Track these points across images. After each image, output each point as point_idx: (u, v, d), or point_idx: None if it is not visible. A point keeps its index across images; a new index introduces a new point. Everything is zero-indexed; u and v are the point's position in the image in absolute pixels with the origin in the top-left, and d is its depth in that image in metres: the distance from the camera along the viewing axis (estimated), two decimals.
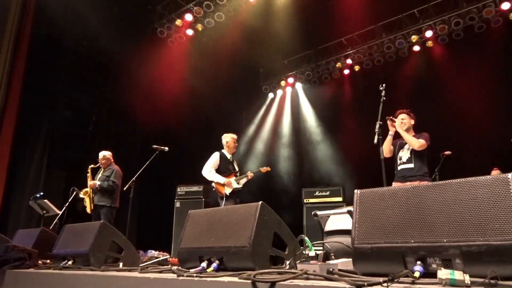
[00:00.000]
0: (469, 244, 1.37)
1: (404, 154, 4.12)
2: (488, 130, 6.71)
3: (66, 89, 8.16)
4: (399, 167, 4.13)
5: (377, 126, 3.91)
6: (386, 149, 4.14)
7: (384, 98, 4.15)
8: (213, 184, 5.34)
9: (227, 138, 5.55)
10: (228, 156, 5.51)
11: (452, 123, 7.25)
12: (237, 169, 5.59)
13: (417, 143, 4.02)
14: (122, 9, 8.27)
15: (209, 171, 5.33)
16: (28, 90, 7.25)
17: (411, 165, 4.06)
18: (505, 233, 1.32)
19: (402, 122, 4.17)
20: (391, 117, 4.20)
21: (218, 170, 5.35)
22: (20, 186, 7.14)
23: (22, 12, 7.24)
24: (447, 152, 5.58)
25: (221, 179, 5.27)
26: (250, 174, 5.48)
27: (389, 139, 4.17)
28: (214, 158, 5.40)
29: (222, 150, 5.52)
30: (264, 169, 5.73)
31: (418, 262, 1.47)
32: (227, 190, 5.25)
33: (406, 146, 4.13)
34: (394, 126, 4.17)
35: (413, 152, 4.08)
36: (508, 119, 6.38)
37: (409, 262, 1.50)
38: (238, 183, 5.37)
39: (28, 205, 6.21)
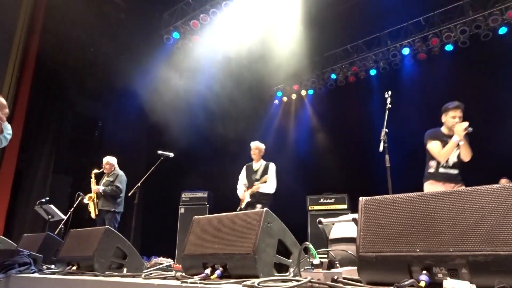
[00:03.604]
0: (475, 254, 1.35)
1: (452, 158, 3.98)
2: (496, 138, 6.65)
3: (73, 95, 8.23)
4: (442, 170, 3.96)
5: (383, 133, 3.90)
6: (448, 155, 3.91)
7: (390, 105, 4.14)
8: None
9: (251, 148, 5.52)
10: (254, 165, 5.47)
11: None
12: (259, 178, 5.43)
13: (470, 155, 3.93)
14: (129, 16, 8.36)
15: (238, 187, 5.41)
16: (35, 96, 7.33)
17: (456, 171, 3.99)
18: None
19: (459, 118, 4.00)
20: (469, 128, 3.91)
21: (249, 182, 5.38)
22: (26, 191, 7.19)
23: (31, 18, 7.34)
24: None
25: (240, 194, 5.30)
26: (255, 188, 5.34)
27: (454, 145, 3.88)
28: (241, 172, 5.46)
29: (252, 161, 5.52)
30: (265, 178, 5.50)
31: (424, 272, 1.45)
32: (243, 204, 5.24)
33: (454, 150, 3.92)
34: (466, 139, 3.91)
35: (459, 157, 3.98)
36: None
37: (415, 272, 1.48)
38: (250, 196, 5.28)
39: (33, 210, 6.24)
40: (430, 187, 4.00)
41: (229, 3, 7.65)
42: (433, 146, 4.01)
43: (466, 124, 3.90)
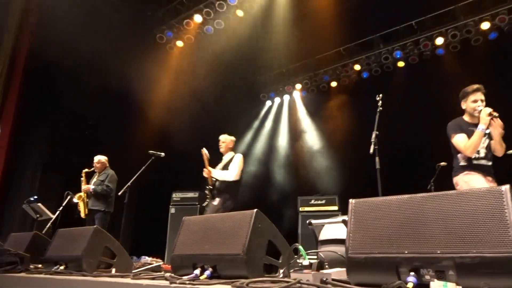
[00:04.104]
0: (462, 256, 1.37)
1: (481, 149, 3.59)
2: None
3: (64, 93, 8.13)
4: (475, 162, 3.58)
5: (374, 136, 3.92)
6: (476, 147, 3.51)
7: (381, 108, 4.17)
8: None
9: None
10: (223, 158, 5.27)
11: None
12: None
13: (502, 150, 3.57)
14: (122, 14, 8.29)
15: None
16: (25, 94, 7.23)
17: (490, 163, 3.61)
18: (499, 246, 1.33)
19: (481, 102, 3.64)
20: (494, 113, 3.50)
21: None
22: (15, 189, 7.09)
23: (23, 15, 7.25)
24: (443, 163, 5.60)
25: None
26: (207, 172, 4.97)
27: (480, 135, 3.49)
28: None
29: None
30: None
31: (412, 273, 1.47)
32: (206, 190, 5.09)
33: (482, 140, 3.55)
34: (493, 125, 3.49)
35: (488, 148, 3.60)
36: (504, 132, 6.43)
37: (403, 273, 1.50)
38: (210, 185, 5.02)
39: (22, 208, 6.16)
40: (469, 178, 3.54)
41: (222, 3, 7.64)
42: (458, 140, 3.59)
43: (489, 109, 3.52)
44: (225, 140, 5.30)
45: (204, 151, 4.97)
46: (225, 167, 5.03)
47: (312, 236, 3.02)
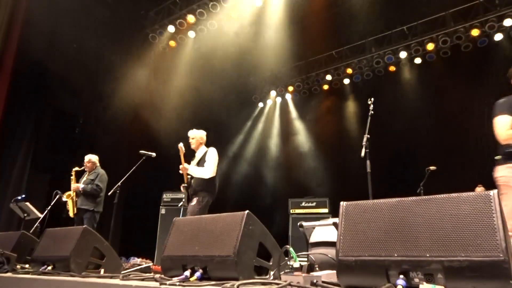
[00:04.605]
0: (451, 260, 1.39)
1: None
2: (473, 147, 6.85)
3: (54, 91, 8.04)
4: None
5: (365, 139, 3.94)
6: None
7: (372, 112, 4.19)
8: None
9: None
10: (196, 154, 5.00)
11: (438, 139, 7.40)
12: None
13: None
14: (114, 13, 8.23)
15: None
16: (14, 91, 7.13)
17: None
18: (486, 250, 1.34)
19: None
20: None
21: None
22: (1, 188, 6.97)
23: (12, 11, 7.15)
24: (432, 167, 5.67)
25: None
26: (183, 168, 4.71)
27: None
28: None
29: None
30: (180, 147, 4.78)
31: (401, 276, 1.48)
32: (182, 187, 4.83)
33: None
34: None
35: None
36: (493, 137, 6.53)
37: (392, 276, 1.51)
38: (186, 184, 4.76)
39: (8, 207, 6.05)
40: None
41: (216, 4, 7.64)
42: (500, 121, 3.03)
43: None
44: (195, 135, 4.96)
45: (180, 146, 4.72)
46: (200, 163, 4.73)
47: (302, 238, 3.03)
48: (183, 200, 4.89)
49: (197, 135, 4.96)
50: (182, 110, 8.89)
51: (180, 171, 4.71)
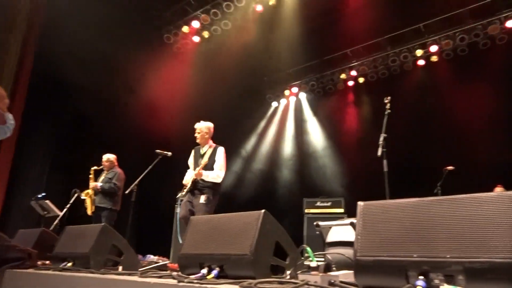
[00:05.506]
0: (472, 261, 1.37)
1: None
2: (491, 146, 6.71)
3: (71, 92, 8.19)
4: None
5: (382, 138, 3.91)
6: None
7: (389, 110, 4.15)
8: None
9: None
10: (201, 149, 4.85)
11: (455, 138, 7.27)
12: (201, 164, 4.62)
13: None
14: (129, 14, 8.34)
15: (187, 172, 4.84)
16: (32, 92, 7.30)
17: None
18: (508, 251, 1.32)
19: None
20: None
21: (196, 167, 4.68)
22: (21, 187, 7.14)
23: (31, 14, 7.32)
24: (450, 167, 5.58)
25: (185, 180, 4.79)
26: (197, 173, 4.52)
27: None
28: (190, 156, 4.85)
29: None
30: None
31: (421, 277, 1.46)
32: (184, 191, 4.68)
33: None
34: None
35: None
36: None
37: (411, 277, 1.49)
38: (191, 183, 4.57)
39: (28, 206, 6.20)
40: None
41: (230, 4, 7.66)
42: None
43: None
44: (201, 130, 4.81)
45: (201, 151, 4.78)
46: (209, 164, 4.60)
47: (317, 238, 3.02)
48: (182, 193, 4.71)
49: (204, 128, 4.83)
50: (196, 110, 8.94)
51: (194, 175, 4.60)
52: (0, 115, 1.71)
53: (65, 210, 5.61)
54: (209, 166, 4.63)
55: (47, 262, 3.29)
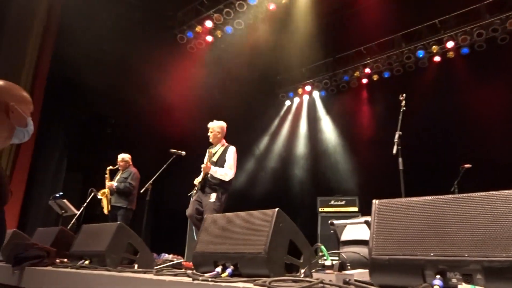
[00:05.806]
0: (491, 260, 1.34)
1: None
2: (509, 143, 6.55)
3: (86, 94, 8.32)
4: None
5: (397, 136, 3.85)
6: None
7: (404, 108, 4.09)
8: None
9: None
10: (213, 148, 4.88)
11: (472, 135, 7.12)
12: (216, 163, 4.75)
13: None
14: (143, 14, 8.43)
15: None
16: (49, 95, 7.44)
17: None
18: None
19: None
20: None
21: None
22: (39, 187, 7.30)
23: (47, 17, 7.46)
24: (467, 165, 5.47)
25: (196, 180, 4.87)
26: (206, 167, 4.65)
27: None
28: (206, 156, 4.88)
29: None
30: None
31: (438, 276, 1.44)
32: (194, 190, 4.81)
33: None
34: None
35: None
36: None
37: (428, 276, 1.47)
38: (201, 180, 4.68)
39: (46, 205, 6.34)
40: None
41: (243, 3, 7.67)
42: None
43: None
44: (213, 129, 4.86)
45: (211, 150, 4.82)
46: (219, 162, 4.69)
47: (331, 237, 3.00)
48: (193, 191, 4.82)
49: (216, 128, 4.87)
50: (210, 109, 8.99)
51: (202, 169, 4.70)
52: (23, 118, 1.76)
53: (82, 209, 5.71)
54: (219, 165, 4.69)
55: (65, 260, 3.35)
